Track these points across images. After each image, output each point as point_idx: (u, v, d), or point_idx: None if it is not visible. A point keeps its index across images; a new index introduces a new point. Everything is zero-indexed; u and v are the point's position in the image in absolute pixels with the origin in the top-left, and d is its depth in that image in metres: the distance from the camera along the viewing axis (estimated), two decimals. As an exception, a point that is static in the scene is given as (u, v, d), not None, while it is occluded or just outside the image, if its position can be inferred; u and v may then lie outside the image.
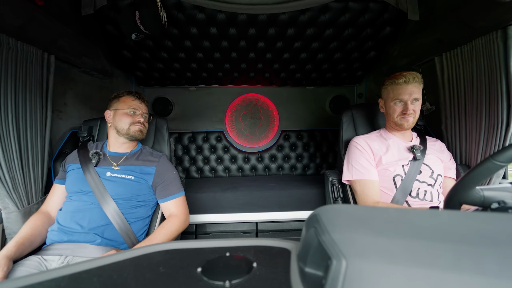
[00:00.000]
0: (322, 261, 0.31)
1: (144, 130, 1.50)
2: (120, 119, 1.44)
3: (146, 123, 1.52)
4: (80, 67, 1.93)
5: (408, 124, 1.41)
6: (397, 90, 1.41)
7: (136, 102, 1.49)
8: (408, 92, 1.38)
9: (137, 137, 1.46)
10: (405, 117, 1.40)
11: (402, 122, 1.42)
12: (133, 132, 1.44)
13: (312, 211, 0.39)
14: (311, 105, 3.11)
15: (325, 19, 1.92)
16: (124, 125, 1.43)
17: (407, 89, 1.38)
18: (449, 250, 0.28)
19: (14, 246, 1.10)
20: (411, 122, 1.41)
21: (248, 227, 2.19)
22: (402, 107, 1.41)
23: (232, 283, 0.34)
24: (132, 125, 1.43)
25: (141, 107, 1.50)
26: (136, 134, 1.44)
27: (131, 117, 1.44)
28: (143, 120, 1.48)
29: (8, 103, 1.28)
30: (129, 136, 1.44)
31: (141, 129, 1.46)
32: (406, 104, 1.39)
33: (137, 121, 1.45)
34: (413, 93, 1.38)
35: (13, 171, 1.31)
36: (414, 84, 1.38)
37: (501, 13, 1.30)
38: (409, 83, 1.38)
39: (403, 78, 1.39)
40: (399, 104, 1.42)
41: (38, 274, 0.38)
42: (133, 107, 1.46)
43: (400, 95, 1.40)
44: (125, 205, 1.30)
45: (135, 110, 1.46)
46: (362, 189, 1.42)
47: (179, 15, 1.83)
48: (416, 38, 1.97)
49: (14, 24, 1.28)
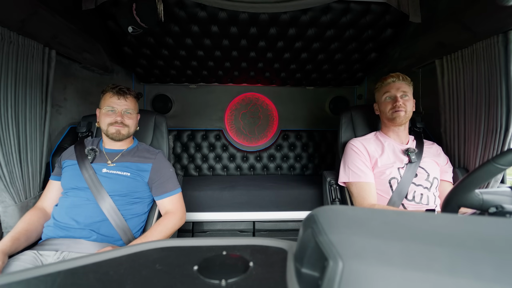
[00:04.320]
0: (319, 262, 0.31)
1: (124, 131, 1.39)
2: (101, 119, 1.39)
3: (130, 120, 1.41)
4: (81, 62, 1.92)
5: (400, 118, 1.45)
6: (386, 87, 1.50)
7: (114, 99, 1.37)
8: (396, 87, 1.47)
9: (115, 139, 1.38)
10: (396, 111, 1.44)
11: (394, 116, 1.46)
12: (110, 133, 1.37)
13: (309, 212, 0.39)
14: (311, 106, 3.11)
15: (326, 20, 1.92)
16: (103, 125, 1.38)
17: (394, 85, 1.48)
18: (445, 253, 0.28)
19: (9, 241, 1.09)
20: (402, 116, 1.44)
21: (245, 226, 2.19)
22: (392, 102, 1.47)
23: (228, 282, 0.34)
24: (109, 126, 1.36)
25: (120, 103, 1.38)
26: (113, 136, 1.37)
27: (109, 117, 1.36)
28: (120, 120, 1.36)
29: (8, 97, 1.28)
30: (110, 137, 1.38)
31: (118, 130, 1.36)
32: (395, 98, 1.46)
33: (115, 121, 1.36)
34: (401, 87, 1.46)
35: (11, 165, 1.31)
36: (401, 82, 1.47)
37: (502, 17, 1.30)
38: (396, 81, 1.48)
39: (390, 78, 1.49)
40: (389, 100, 1.49)
41: (34, 269, 0.38)
42: (111, 105, 1.37)
43: (388, 90, 1.49)
44: (121, 202, 1.30)
45: (112, 108, 1.37)
46: (359, 191, 1.42)
47: (180, 13, 1.83)
48: (417, 40, 1.97)
49: (16, 18, 1.27)
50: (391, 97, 1.47)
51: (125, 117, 1.40)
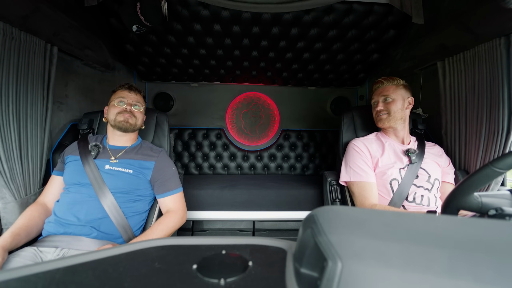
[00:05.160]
0: (318, 262, 0.31)
1: (132, 120, 1.43)
2: (110, 111, 1.44)
3: (138, 113, 1.47)
4: (83, 59, 1.92)
5: (383, 122, 1.50)
6: (373, 94, 1.58)
7: (124, 92, 1.46)
8: (378, 93, 1.54)
9: (123, 127, 1.41)
10: (379, 115, 1.52)
11: (377, 120, 1.54)
12: (118, 121, 1.40)
13: (309, 212, 0.39)
14: (312, 106, 3.11)
15: (329, 20, 1.91)
16: (112, 115, 1.41)
17: (378, 91, 1.55)
18: (445, 255, 0.28)
19: (9, 237, 1.10)
20: (384, 119, 1.49)
21: (245, 226, 2.19)
22: (375, 107, 1.55)
23: (227, 281, 0.34)
24: (118, 115, 1.40)
25: (129, 96, 1.46)
26: (121, 124, 1.40)
27: (118, 107, 1.42)
28: (129, 109, 1.43)
29: (9, 93, 1.28)
30: (117, 127, 1.41)
31: (126, 118, 1.40)
32: (377, 103, 1.54)
33: (124, 110, 1.41)
34: (383, 91, 1.51)
35: (11, 161, 1.31)
36: (387, 86, 1.51)
37: (505, 20, 1.29)
38: (380, 87, 1.54)
39: (378, 84, 1.56)
40: (374, 105, 1.56)
41: (33, 265, 0.38)
42: (121, 97, 1.44)
43: (374, 97, 1.57)
44: (122, 199, 1.30)
45: (122, 99, 1.43)
46: (360, 191, 1.42)
47: (183, 11, 1.83)
48: (419, 42, 1.96)
49: (18, 14, 1.27)
50: (375, 102, 1.55)
51: (134, 109, 1.46)
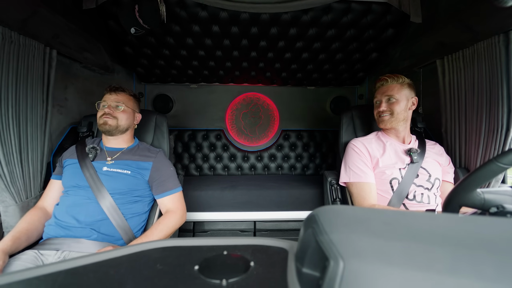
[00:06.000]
0: (320, 262, 0.31)
1: (112, 122, 1.38)
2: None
3: (119, 113, 1.41)
4: (82, 62, 1.93)
5: (385, 123, 1.47)
6: (376, 92, 1.53)
7: (106, 95, 1.44)
8: (382, 92, 1.48)
9: (104, 130, 1.39)
10: (381, 116, 1.47)
11: (379, 121, 1.50)
12: (99, 125, 1.39)
13: (310, 212, 0.39)
14: (312, 105, 3.11)
15: (327, 20, 1.91)
16: (97, 121, 1.41)
17: (381, 89, 1.49)
18: (446, 253, 0.28)
19: (10, 240, 1.10)
20: (386, 119, 1.46)
21: (246, 226, 2.19)
22: (378, 106, 1.50)
23: (229, 282, 0.34)
24: (99, 118, 1.39)
25: (110, 97, 1.42)
26: (101, 127, 1.38)
27: (101, 111, 1.40)
28: (108, 111, 1.38)
29: (9, 97, 1.28)
30: (102, 130, 1.40)
31: (105, 121, 1.37)
32: (380, 103, 1.48)
33: (103, 113, 1.38)
34: (387, 91, 1.46)
35: (12, 164, 1.31)
36: (391, 85, 1.46)
37: (503, 17, 1.29)
38: (384, 85, 1.49)
39: (382, 82, 1.50)
40: (377, 104, 1.51)
41: (35, 268, 0.38)
42: (103, 100, 1.42)
43: (377, 95, 1.52)
44: (121, 200, 1.30)
45: (103, 102, 1.42)
46: (359, 191, 1.42)
47: (181, 13, 1.83)
48: (418, 40, 1.96)
49: (17, 18, 1.27)
50: (378, 101, 1.50)
51: (115, 110, 1.41)
